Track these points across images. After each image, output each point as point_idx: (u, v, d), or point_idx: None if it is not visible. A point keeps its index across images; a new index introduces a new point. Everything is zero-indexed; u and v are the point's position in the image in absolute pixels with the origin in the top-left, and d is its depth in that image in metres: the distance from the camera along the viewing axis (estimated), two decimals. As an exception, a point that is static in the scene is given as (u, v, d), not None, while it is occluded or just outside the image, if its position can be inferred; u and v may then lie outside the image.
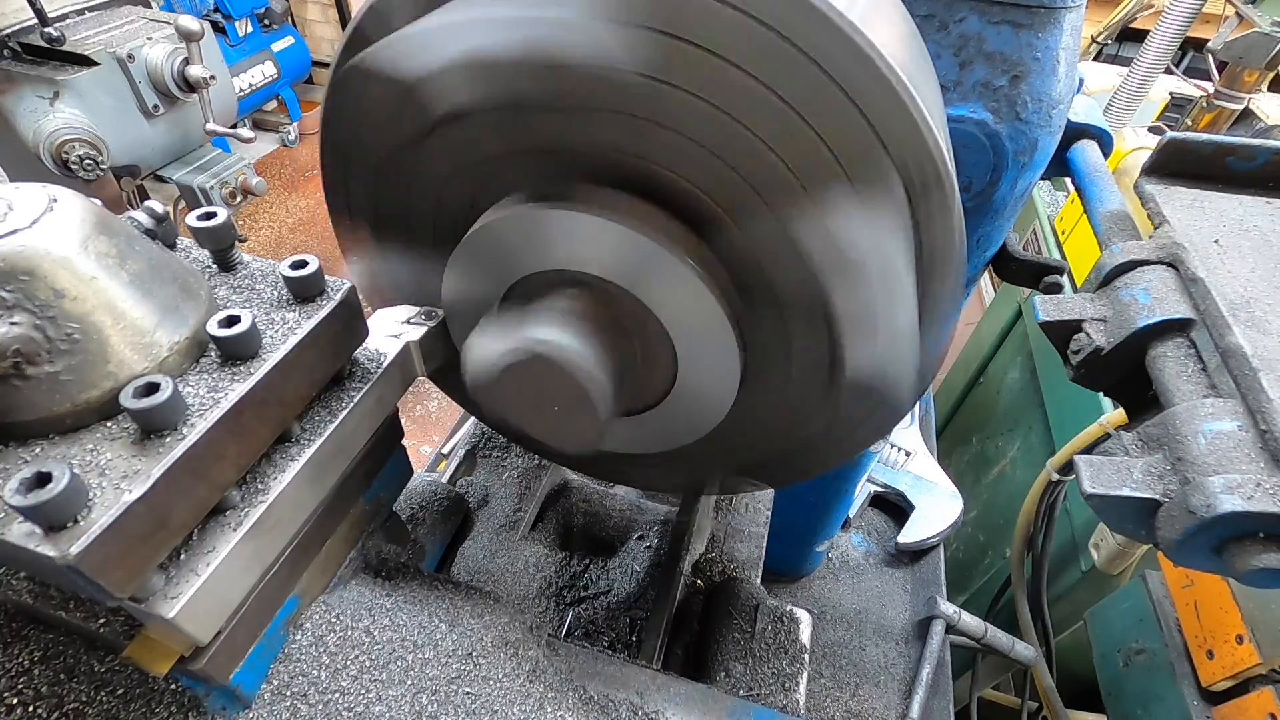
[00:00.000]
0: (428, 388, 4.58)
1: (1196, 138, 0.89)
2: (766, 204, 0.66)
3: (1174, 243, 0.77)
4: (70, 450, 0.52)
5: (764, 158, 0.63)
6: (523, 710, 0.74)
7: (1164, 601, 1.63)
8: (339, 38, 0.81)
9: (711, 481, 1.11)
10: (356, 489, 0.81)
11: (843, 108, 0.58)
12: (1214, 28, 3.60)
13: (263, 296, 0.67)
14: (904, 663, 1.89)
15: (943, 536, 2.11)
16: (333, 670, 0.71)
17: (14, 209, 0.52)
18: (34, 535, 0.46)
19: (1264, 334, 0.64)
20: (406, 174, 0.79)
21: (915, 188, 0.61)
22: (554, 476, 1.58)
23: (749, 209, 0.67)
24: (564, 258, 0.73)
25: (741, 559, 1.37)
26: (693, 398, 0.82)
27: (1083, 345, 0.75)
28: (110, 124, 2.35)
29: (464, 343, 0.73)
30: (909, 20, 0.72)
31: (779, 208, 0.65)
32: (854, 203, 0.62)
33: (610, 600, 1.33)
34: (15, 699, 0.64)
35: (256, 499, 0.60)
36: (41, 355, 0.50)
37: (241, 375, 0.58)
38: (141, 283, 0.56)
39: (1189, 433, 0.60)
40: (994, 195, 0.98)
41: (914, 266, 0.66)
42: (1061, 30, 0.86)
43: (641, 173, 0.69)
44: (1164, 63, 2.98)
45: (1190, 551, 0.58)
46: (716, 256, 0.72)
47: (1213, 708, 1.46)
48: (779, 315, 0.75)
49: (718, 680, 1.06)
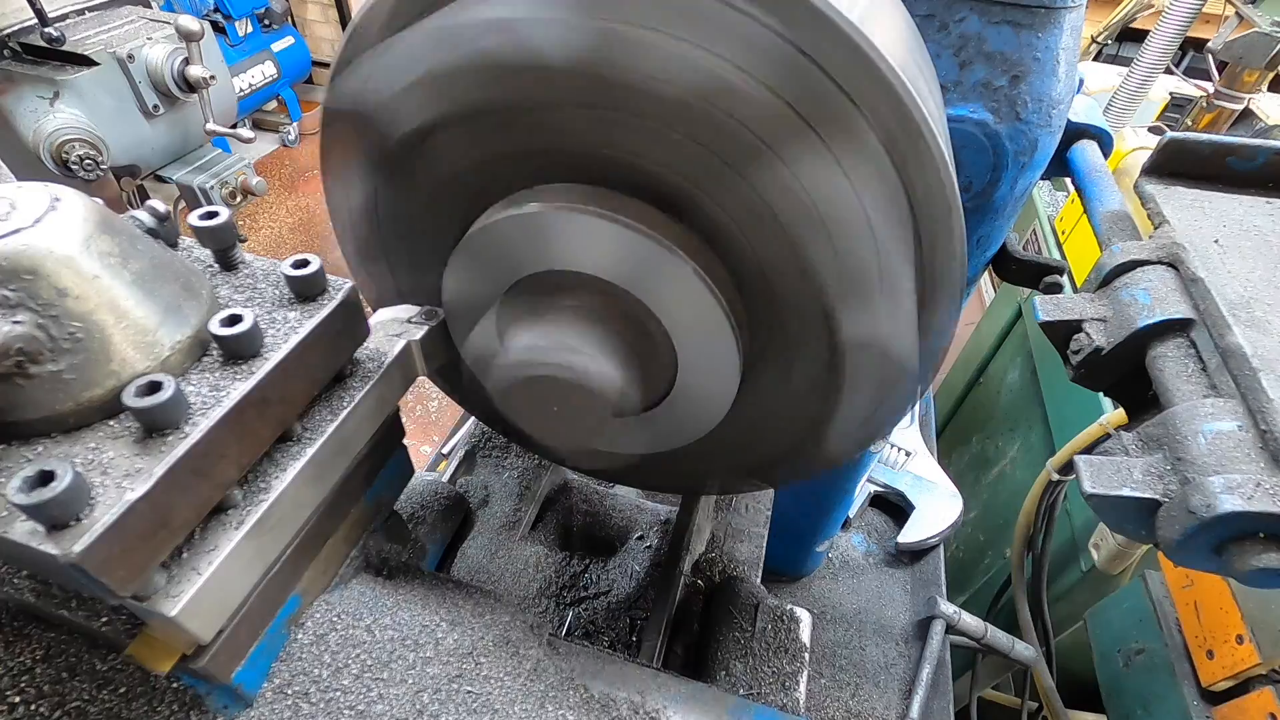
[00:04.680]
0: (428, 388, 4.58)
1: (1196, 138, 0.89)
2: (732, 168, 0.65)
3: (1174, 243, 0.77)
4: (73, 449, 0.52)
5: (724, 125, 0.62)
6: (524, 709, 0.74)
7: (1164, 601, 1.64)
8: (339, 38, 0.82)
9: (711, 481, 1.12)
10: (358, 488, 0.81)
11: (799, 63, 0.58)
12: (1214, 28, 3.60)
13: (264, 296, 0.67)
14: (904, 663, 1.89)
15: (943, 536, 2.11)
16: (334, 669, 0.71)
17: (17, 208, 0.52)
18: (37, 533, 0.46)
19: (1264, 334, 0.64)
20: (400, 202, 0.80)
21: (895, 141, 0.60)
22: (554, 476, 1.58)
23: (717, 177, 0.66)
24: (564, 258, 0.73)
25: (741, 559, 1.38)
26: (693, 397, 0.82)
27: (1083, 345, 0.75)
28: (110, 124, 2.35)
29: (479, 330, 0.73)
30: (909, 20, 0.73)
31: (746, 171, 0.65)
32: (825, 158, 0.62)
33: (610, 600, 1.33)
34: (17, 697, 0.64)
35: (258, 498, 0.61)
36: (44, 354, 0.50)
37: (243, 374, 0.58)
38: (144, 282, 0.56)
39: (1189, 433, 0.60)
40: (994, 195, 0.98)
41: (907, 226, 0.65)
42: (1061, 30, 0.86)
43: (614, 163, 0.69)
44: (1164, 63, 2.98)
45: (1190, 551, 0.58)
46: (716, 255, 0.72)
47: (1213, 708, 1.46)
48: (773, 305, 0.75)
49: (718, 679, 1.06)
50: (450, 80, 0.67)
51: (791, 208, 0.66)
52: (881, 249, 0.66)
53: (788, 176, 0.64)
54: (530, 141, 0.71)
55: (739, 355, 0.75)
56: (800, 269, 0.70)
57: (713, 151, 0.65)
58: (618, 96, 0.63)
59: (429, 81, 0.67)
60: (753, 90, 0.60)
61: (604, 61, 0.61)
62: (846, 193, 0.63)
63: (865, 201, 0.64)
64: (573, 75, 0.63)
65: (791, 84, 0.59)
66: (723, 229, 0.70)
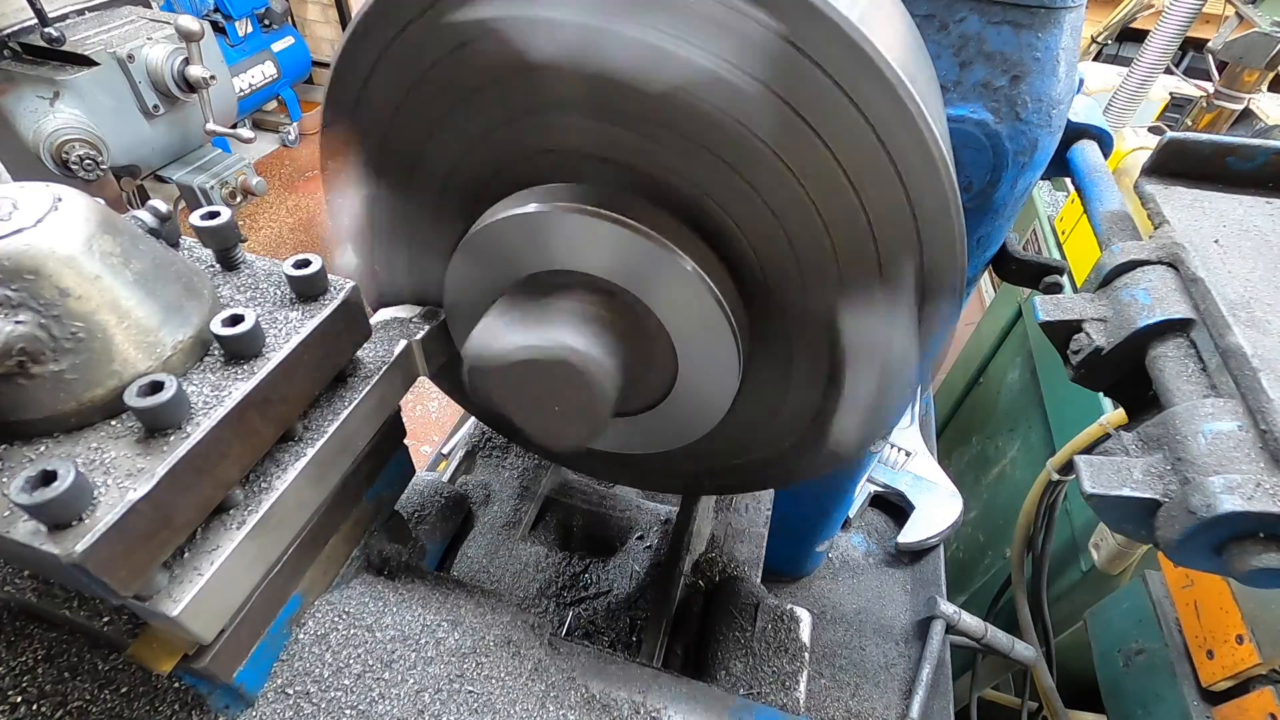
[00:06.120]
0: (428, 388, 4.58)
1: (1196, 138, 0.89)
2: (732, 167, 0.67)
3: (1174, 243, 0.77)
4: (75, 449, 0.52)
5: (723, 124, 0.63)
6: (525, 708, 0.74)
7: (1164, 601, 1.64)
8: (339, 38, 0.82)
9: (711, 481, 1.12)
10: (359, 488, 0.81)
11: (799, 63, 0.58)
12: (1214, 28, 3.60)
13: (266, 295, 0.67)
14: (904, 663, 1.89)
15: (943, 536, 2.11)
16: (335, 668, 0.71)
17: (19, 208, 0.52)
18: (39, 533, 0.46)
19: (1264, 334, 0.64)
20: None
21: (894, 140, 0.61)
22: (554, 476, 1.58)
23: (716, 177, 0.68)
24: (569, 259, 0.74)
25: (741, 559, 1.38)
26: (693, 397, 0.82)
27: (1083, 345, 0.75)
28: (110, 124, 2.35)
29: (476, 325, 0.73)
30: (908, 20, 0.73)
31: (745, 170, 0.66)
32: (824, 157, 0.63)
33: (610, 600, 1.33)
34: (19, 697, 0.64)
35: (260, 498, 0.61)
36: (46, 354, 0.50)
37: (245, 374, 0.58)
38: (145, 282, 0.56)
39: (1189, 433, 0.60)
40: (994, 195, 0.98)
41: (907, 225, 0.67)
42: (1061, 30, 0.86)
43: (614, 163, 0.70)
44: (1164, 63, 2.98)
45: (1190, 551, 0.58)
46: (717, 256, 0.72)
47: (1213, 708, 1.46)
48: (773, 304, 0.75)
49: (718, 679, 1.06)
50: (449, 80, 0.67)
51: (791, 207, 0.66)
52: (882, 248, 0.66)
53: (787, 175, 0.64)
54: (530, 141, 0.71)
55: (739, 355, 0.75)
56: (800, 268, 0.70)
57: (712, 151, 0.65)
58: (616, 96, 0.64)
59: (428, 81, 0.68)
60: (752, 89, 0.60)
61: (602, 61, 0.61)
62: (846, 191, 0.64)
63: (865, 200, 0.64)
64: (571, 75, 0.63)
65: (791, 83, 0.59)
66: (722, 228, 0.71)
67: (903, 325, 0.71)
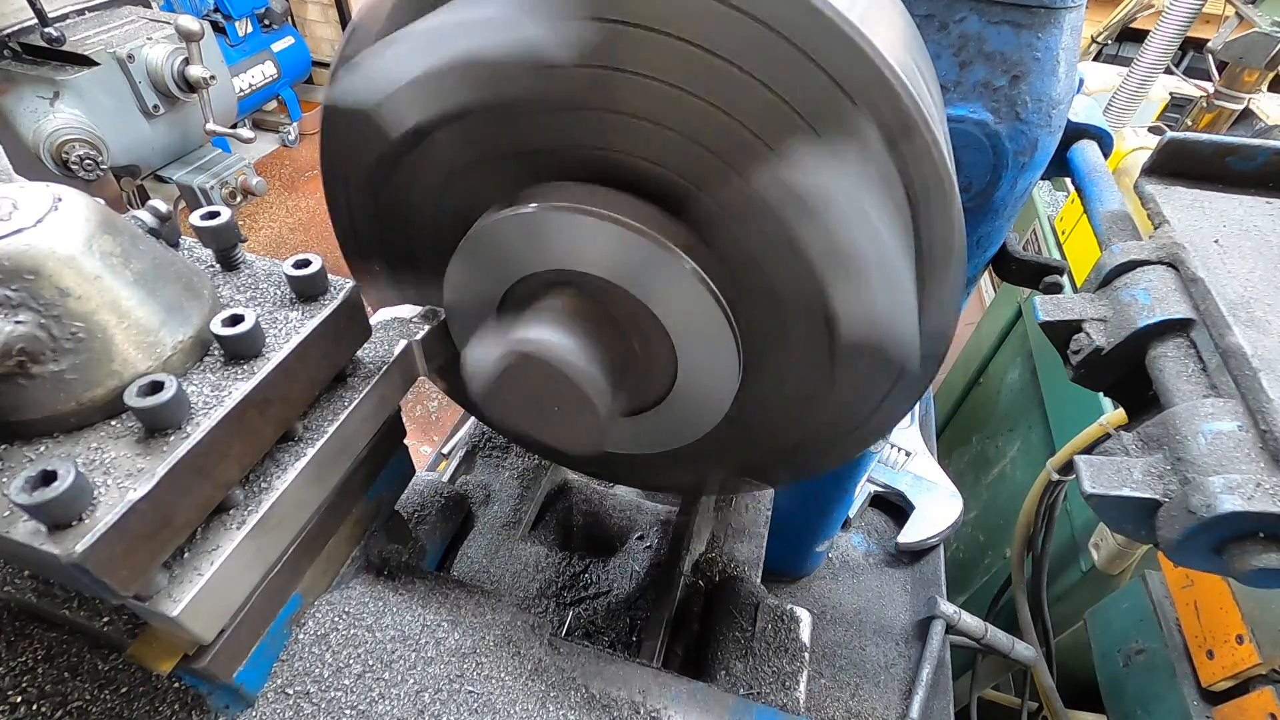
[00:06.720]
0: (428, 388, 4.58)
1: (1196, 138, 0.89)
2: (731, 167, 0.66)
3: (1174, 243, 0.77)
4: (75, 449, 0.52)
5: (723, 123, 0.63)
6: (525, 708, 0.74)
7: (1164, 601, 1.64)
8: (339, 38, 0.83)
9: (712, 481, 1.12)
10: (359, 488, 0.81)
11: (795, 60, 0.58)
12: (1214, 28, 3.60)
13: (266, 295, 0.67)
14: (904, 663, 1.89)
15: (943, 536, 2.11)
16: (335, 668, 0.71)
17: (19, 208, 0.52)
18: (39, 533, 0.46)
19: (1264, 334, 0.64)
20: (399, 201, 0.82)
21: (894, 139, 0.60)
22: (554, 476, 1.58)
23: (716, 177, 0.67)
24: (562, 257, 0.74)
25: (741, 559, 1.38)
26: (693, 396, 0.82)
27: (1083, 345, 0.75)
28: (110, 124, 2.35)
29: (464, 351, 0.73)
30: (909, 20, 0.73)
31: (744, 168, 0.65)
32: (820, 152, 0.62)
33: (610, 600, 1.33)
34: (19, 697, 0.64)
35: (260, 498, 0.61)
36: (46, 354, 0.50)
37: (245, 374, 0.58)
38: (145, 282, 0.56)
39: (1189, 433, 0.60)
40: (994, 195, 0.98)
41: (902, 209, 0.65)
42: (1061, 30, 0.86)
43: (613, 162, 0.70)
44: (1164, 63, 2.98)
45: (1190, 551, 0.58)
46: (712, 251, 0.72)
47: (1213, 708, 1.46)
48: (773, 304, 0.75)
49: (718, 679, 1.06)
50: (448, 79, 0.67)
51: (791, 206, 0.66)
52: (882, 247, 0.66)
53: (787, 174, 0.64)
54: (529, 141, 0.71)
55: (738, 354, 0.75)
56: (799, 267, 0.70)
57: (712, 150, 0.65)
58: (615, 95, 0.64)
59: (427, 80, 0.67)
60: (752, 89, 0.60)
61: (600, 60, 0.61)
62: (846, 191, 0.63)
63: (865, 200, 0.64)
64: (569, 74, 0.63)
65: (791, 83, 0.59)
66: (722, 228, 0.70)
67: (903, 322, 0.70)
